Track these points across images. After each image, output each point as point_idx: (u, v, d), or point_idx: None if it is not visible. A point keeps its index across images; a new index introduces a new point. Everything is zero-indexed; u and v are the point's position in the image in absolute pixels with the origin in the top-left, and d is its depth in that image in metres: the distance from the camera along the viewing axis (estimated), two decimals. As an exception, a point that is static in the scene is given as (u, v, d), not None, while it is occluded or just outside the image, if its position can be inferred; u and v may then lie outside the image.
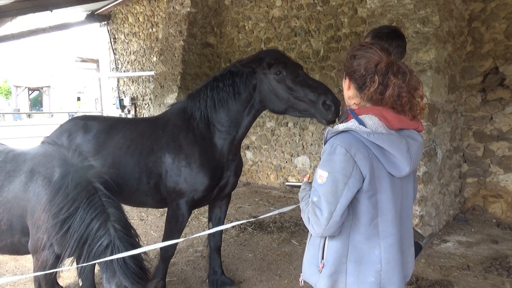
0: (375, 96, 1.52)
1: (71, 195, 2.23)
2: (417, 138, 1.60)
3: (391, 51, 1.59)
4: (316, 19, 6.89)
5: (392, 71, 1.50)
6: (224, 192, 3.35)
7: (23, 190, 2.33)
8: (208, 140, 3.12)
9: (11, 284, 3.60)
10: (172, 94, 7.56)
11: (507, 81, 5.14)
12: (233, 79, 3.01)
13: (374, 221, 1.54)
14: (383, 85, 1.50)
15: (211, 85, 3.10)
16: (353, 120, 1.54)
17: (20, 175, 2.36)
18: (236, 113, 3.06)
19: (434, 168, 4.67)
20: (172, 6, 8.00)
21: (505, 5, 5.08)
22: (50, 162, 2.37)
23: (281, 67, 2.81)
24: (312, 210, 1.54)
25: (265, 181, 7.99)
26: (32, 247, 2.35)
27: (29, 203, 2.30)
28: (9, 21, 8.43)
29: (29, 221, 2.32)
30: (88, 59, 14.24)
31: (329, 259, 1.59)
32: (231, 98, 3.02)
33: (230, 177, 3.27)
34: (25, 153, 2.53)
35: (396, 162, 1.51)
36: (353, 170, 1.47)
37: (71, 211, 2.21)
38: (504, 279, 3.63)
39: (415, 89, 1.54)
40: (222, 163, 3.18)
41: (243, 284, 3.65)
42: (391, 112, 1.54)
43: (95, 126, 3.38)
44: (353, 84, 1.61)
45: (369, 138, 1.47)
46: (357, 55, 1.58)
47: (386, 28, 2.71)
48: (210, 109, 3.08)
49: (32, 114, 34.18)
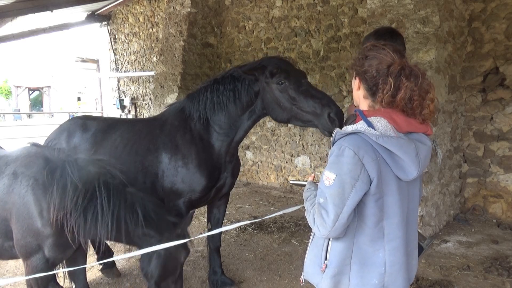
0: (387, 99, 1.50)
1: (80, 185, 2.19)
2: (426, 142, 1.58)
3: (404, 53, 1.57)
4: (316, 19, 6.89)
5: (404, 74, 1.48)
6: (221, 193, 3.35)
7: (6, 193, 2.24)
8: (206, 141, 3.11)
9: (11, 284, 3.60)
10: (172, 94, 7.56)
11: (507, 81, 5.14)
12: (234, 84, 2.99)
13: (380, 224, 1.53)
14: (395, 88, 1.48)
15: (211, 88, 3.08)
16: (361, 122, 1.52)
17: (2, 178, 2.28)
18: (236, 117, 3.05)
19: (435, 168, 4.67)
20: (172, 6, 8.00)
21: (505, 5, 5.08)
22: (34, 161, 2.30)
23: (283, 76, 2.77)
24: (318, 211, 1.53)
25: (265, 181, 7.99)
26: (22, 252, 2.27)
27: (14, 206, 2.22)
28: (10, 21, 8.43)
29: (13, 225, 2.23)
30: (88, 59, 14.24)
31: (332, 260, 1.58)
32: (231, 102, 3.00)
33: (228, 178, 3.27)
34: (7, 156, 2.45)
35: (404, 166, 1.49)
36: (360, 172, 1.45)
37: (88, 199, 2.20)
38: (504, 279, 3.63)
39: (426, 92, 1.52)
40: (220, 164, 3.17)
41: (243, 284, 3.65)
42: (400, 115, 1.52)
43: (93, 125, 3.38)
44: (363, 85, 1.59)
45: (377, 141, 1.45)
46: (369, 56, 1.56)
47: (383, 29, 2.71)
48: (209, 111, 3.06)
49: (32, 114, 34.18)
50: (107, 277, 3.80)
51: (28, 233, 2.22)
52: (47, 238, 2.23)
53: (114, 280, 3.75)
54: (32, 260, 2.26)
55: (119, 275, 3.82)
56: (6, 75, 35.48)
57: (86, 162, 2.37)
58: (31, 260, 2.26)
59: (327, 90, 6.82)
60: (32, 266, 2.27)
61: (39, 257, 2.26)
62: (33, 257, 2.26)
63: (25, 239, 2.22)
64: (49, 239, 2.23)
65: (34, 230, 2.21)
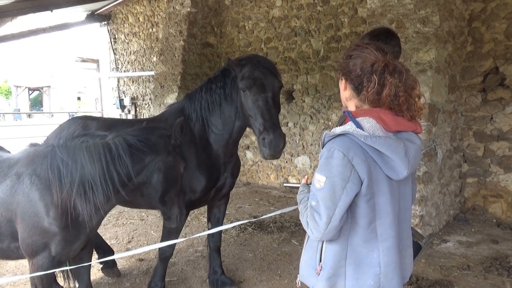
0: (372, 97, 1.51)
1: (70, 160, 2.23)
2: (416, 141, 1.58)
3: (387, 50, 1.58)
4: (316, 19, 6.89)
5: (388, 71, 1.49)
6: (221, 193, 3.35)
7: (10, 195, 2.26)
8: (204, 141, 3.12)
9: (11, 284, 3.60)
10: (172, 94, 7.56)
11: (507, 81, 5.14)
12: (224, 80, 3.01)
13: (372, 224, 1.53)
14: (380, 85, 1.49)
15: (205, 87, 3.11)
16: (350, 123, 1.52)
17: (5, 181, 2.30)
18: (228, 117, 3.05)
19: (434, 168, 4.67)
20: (172, 6, 8.00)
21: (505, 5, 5.08)
22: (33, 160, 2.33)
23: (247, 85, 2.79)
24: (311, 214, 1.53)
25: (265, 181, 7.99)
26: (28, 251, 2.28)
27: (18, 206, 2.23)
28: (9, 21, 8.43)
29: (18, 225, 2.25)
30: (88, 59, 14.24)
31: (327, 262, 1.58)
32: (222, 100, 3.01)
33: (228, 179, 3.27)
34: (10, 159, 2.47)
35: (393, 165, 1.49)
36: (351, 174, 1.45)
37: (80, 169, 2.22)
38: (504, 279, 3.63)
39: (412, 88, 1.53)
40: (219, 165, 3.17)
41: (243, 284, 3.65)
42: (389, 114, 1.52)
43: (93, 125, 3.38)
44: (350, 85, 1.60)
45: (366, 142, 1.45)
46: (353, 55, 1.57)
47: (379, 30, 2.73)
48: (204, 111, 3.08)
49: (32, 114, 34.19)
50: (107, 276, 3.80)
51: (34, 232, 2.22)
52: (54, 235, 2.23)
53: (114, 280, 3.75)
54: (38, 259, 2.26)
55: (120, 275, 3.82)
56: (6, 75, 35.49)
57: (74, 140, 2.39)
58: (36, 258, 2.27)
59: (327, 90, 6.83)
60: (38, 264, 2.27)
61: (45, 255, 2.26)
62: (39, 255, 2.26)
63: (32, 237, 2.23)
64: (56, 235, 2.23)
65: (41, 228, 2.22)
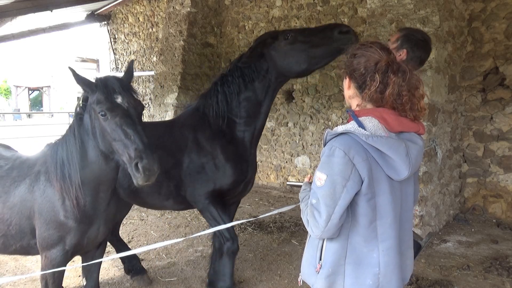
0: (375, 96, 1.51)
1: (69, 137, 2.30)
2: (418, 141, 1.58)
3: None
4: (316, 19, 6.89)
5: (392, 70, 1.49)
6: (247, 190, 3.36)
7: (28, 192, 2.37)
8: (228, 134, 3.14)
9: (11, 284, 3.60)
10: (172, 94, 7.56)
11: (507, 81, 5.14)
12: (241, 71, 3.08)
13: (373, 223, 1.53)
14: (383, 84, 1.49)
15: (220, 81, 3.15)
16: (352, 122, 1.52)
17: (25, 180, 2.41)
18: (252, 101, 3.11)
19: (434, 168, 4.67)
20: (172, 6, 8.00)
21: (505, 5, 5.08)
22: (48, 158, 2.42)
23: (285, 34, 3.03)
24: (311, 212, 1.54)
25: (265, 181, 7.98)
26: (43, 244, 2.36)
27: (35, 202, 2.33)
28: (9, 21, 8.42)
29: (36, 220, 2.34)
30: (88, 59, 14.26)
31: (327, 260, 1.58)
32: (242, 88, 3.07)
33: (251, 173, 3.28)
34: (30, 159, 2.59)
35: (395, 165, 1.49)
36: (351, 173, 1.45)
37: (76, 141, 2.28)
38: (504, 279, 3.63)
39: (415, 88, 1.52)
40: (246, 156, 3.19)
41: (243, 284, 3.65)
42: (392, 114, 1.52)
43: None
44: (353, 83, 1.59)
45: (367, 141, 1.45)
46: (357, 54, 1.57)
47: (420, 34, 2.45)
48: (222, 104, 3.11)
49: (32, 114, 34.18)
50: (138, 285, 3.60)
51: (51, 225, 2.31)
52: (70, 229, 2.31)
53: (114, 280, 3.74)
54: (52, 252, 2.34)
55: (151, 283, 3.65)
56: (6, 74, 35.44)
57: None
58: (51, 252, 2.34)
59: (327, 90, 6.83)
60: (51, 258, 2.34)
61: (59, 249, 2.34)
62: (53, 248, 2.34)
63: (48, 231, 2.31)
64: (72, 230, 2.31)
65: (57, 221, 2.30)
